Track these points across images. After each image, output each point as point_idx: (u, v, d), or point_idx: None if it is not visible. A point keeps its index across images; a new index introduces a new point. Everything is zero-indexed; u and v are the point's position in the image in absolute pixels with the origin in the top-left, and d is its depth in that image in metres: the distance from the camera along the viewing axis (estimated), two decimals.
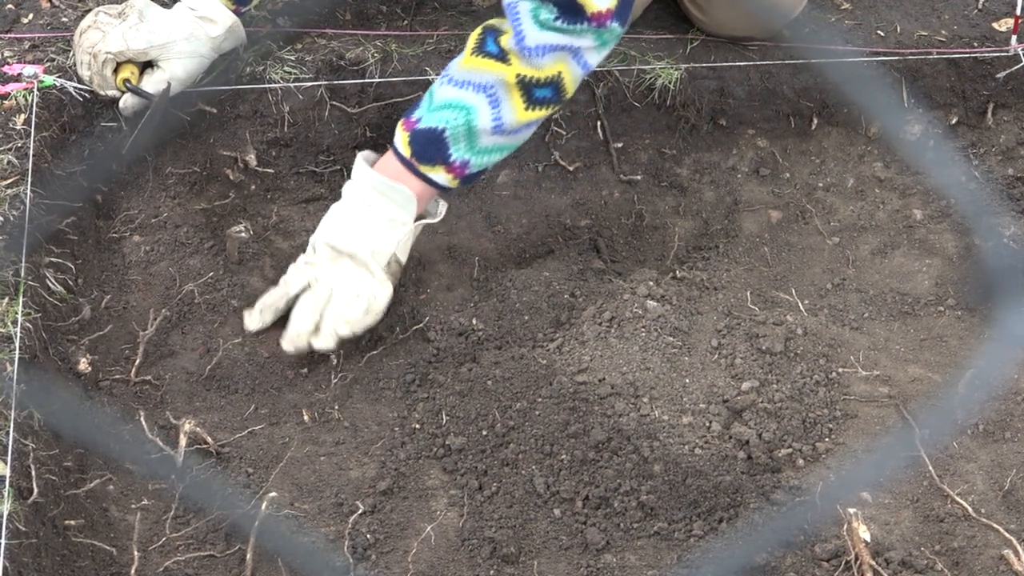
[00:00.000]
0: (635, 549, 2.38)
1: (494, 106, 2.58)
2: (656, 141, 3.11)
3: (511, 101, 2.58)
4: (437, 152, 2.61)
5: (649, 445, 2.46)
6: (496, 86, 2.57)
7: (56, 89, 2.78)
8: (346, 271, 2.63)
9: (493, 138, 2.62)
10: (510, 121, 2.60)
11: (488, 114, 2.59)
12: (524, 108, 2.60)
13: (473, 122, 2.59)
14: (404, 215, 2.65)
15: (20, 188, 2.59)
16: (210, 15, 2.80)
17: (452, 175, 2.64)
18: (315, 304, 2.61)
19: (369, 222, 2.64)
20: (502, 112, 2.59)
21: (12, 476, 2.17)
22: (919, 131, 3.14)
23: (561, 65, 2.57)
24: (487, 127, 2.59)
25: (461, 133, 2.60)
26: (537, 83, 2.58)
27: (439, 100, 2.60)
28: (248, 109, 2.91)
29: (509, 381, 2.57)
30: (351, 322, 2.60)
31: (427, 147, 2.61)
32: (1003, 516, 2.41)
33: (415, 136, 2.61)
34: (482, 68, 2.58)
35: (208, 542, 2.34)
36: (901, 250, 3.03)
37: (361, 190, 2.66)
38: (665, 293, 2.73)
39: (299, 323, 2.61)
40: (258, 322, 2.66)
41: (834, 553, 2.31)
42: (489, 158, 2.66)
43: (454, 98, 2.59)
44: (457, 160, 2.62)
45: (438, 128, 2.60)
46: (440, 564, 2.35)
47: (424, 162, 2.62)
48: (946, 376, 2.70)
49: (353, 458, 2.52)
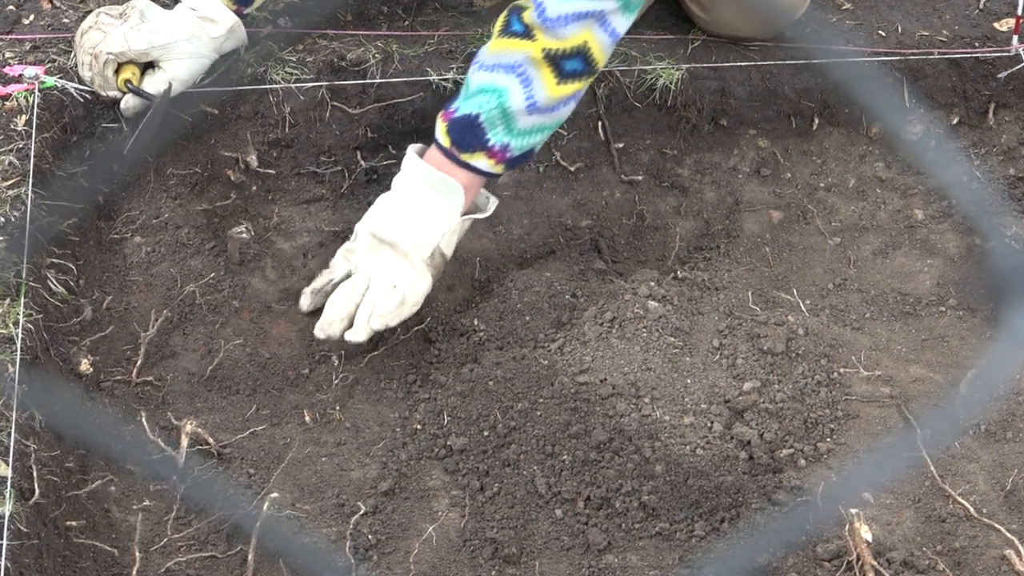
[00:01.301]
0: (637, 549, 2.38)
1: (526, 85, 2.56)
2: (657, 141, 3.11)
3: (542, 77, 2.56)
4: (475, 138, 2.60)
5: (651, 445, 2.45)
6: (524, 64, 2.55)
7: (57, 90, 2.78)
8: (386, 261, 2.62)
9: (531, 118, 2.60)
10: (543, 98, 2.58)
11: (521, 94, 2.57)
12: (556, 83, 2.57)
13: (506, 104, 2.57)
14: (450, 207, 2.64)
15: (21, 189, 2.59)
16: (211, 15, 2.80)
17: (494, 160, 2.62)
18: (350, 294, 2.61)
19: (414, 212, 2.63)
20: (534, 90, 2.57)
21: (13, 477, 2.17)
22: (920, 131, 3.14)
23: (587, 33, 2.54)
24: (521, 107, 2.57)
25: (496, 116, 2.58)
26: (564, 54, 2.55)
27: (473, 87, 2.60)
28: (249, 110, 2.91)
29: (510, 381, 2.57)
30: (384, 316, 2.59)
31: (464, 134, 2.60)
32: (1005, 516, 2.40)
33: (452, 125, 2.60)
34: (509, 48, 2.56)
35: (210, 543, 2.34)
36: (902, 250, 3.03)
37: (408, 181, 2.65)
38: (666, 293, 2.73)
39: (332, 312, 2.61)
40: (310, 303, 2.67)
41: (836, 553, 2.31)
42: (531, 139, 2.64)
43: (486, 82, 2.58)
44: (496, 144, 2.61)
45: (472, 114, 2.58)
46: (442, 565, 2.35)
47: (464, 150, 2.61)
48: (948, 376, 2.70)
49: (355, 459, 2.52)
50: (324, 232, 2.89)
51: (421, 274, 2.62)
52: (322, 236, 2.89)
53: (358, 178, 2.96)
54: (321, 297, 2.66)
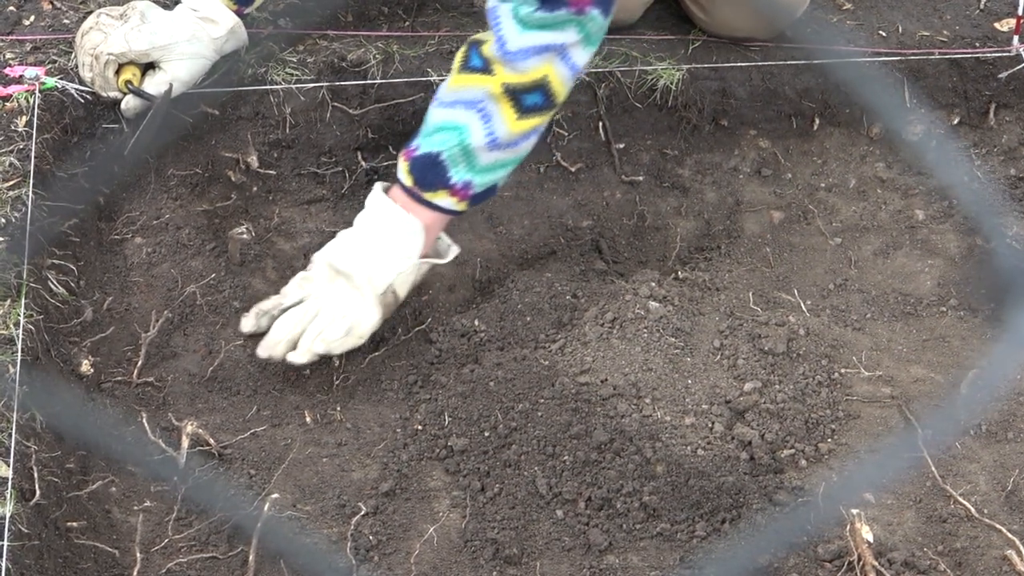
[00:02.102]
0: (638, 550, 2.38)
1: (486, 121, 2.53)
2: (658, 142, 3.11)
3: (501, 113, 2.52)
4: (437, 177, 2.57)
5: (651, 446, 2.45)
6: (484, 100, 2.52)
7: (58, 91, 2.78)
8: (339, 292, 2.61)
9: (492, 154, 2.56)
10: (503, 134, 2.55)
11: (481, 130, 2.53)
12: (516, 118, 2.54)
13: (467, 141, 2.54)
14: (409, 248, 2.61)
15: (22, 190, 2.59)
16: (212, 16, 2.80)
17: (456, 198, 2.60)
18: (299, 318, 2.61)
19: (373, 248, 2.61)
20: (495, 126, 2.53)
21: (14, 478, 2.17)
22: (921, 131, 3.14)
23: (547, 67, 2.50)
24: (482, 144, 2.54)
25: (458, 154, 2.55)
26: (524, 88, 2.51)
27: (432, 124, 2.57)
28: (250, 110, 2.91)
29: (511, 382, 2.57)
30: (329, 341, 2.58)
31: (426, 173, 2.57)
32: (1006, 517, 2.40)
33: (414, 164, 2.58)
34: (468, 84, 2.53)
35: (210, 544, 2.34)
36: (903, 251, 3.03)
37: (370, 216, 2.64)
38: (667, 294, 2.73)
39: (278, 333, 2.61)
40: (252, 325, 2.65)
41: (837, 554, 2.31)
42: (493, 175, 2.61)
43: (446, 120, 2.55)
44: (459, 182, 2.58)
45: (433, 152, 2.56)
46: (442, 565, 2.35)
47: (426, 188, 2.58)
48: (949, 376, 2.70)
49: (355, 459, 2.52)
50: (325, 233, 2.89)
51: (371, 309, 2.61)
52: (323, 237, 2.88)
53: (359, 179, 2.96)
54: (266, 320, 2.65)
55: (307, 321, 2.61)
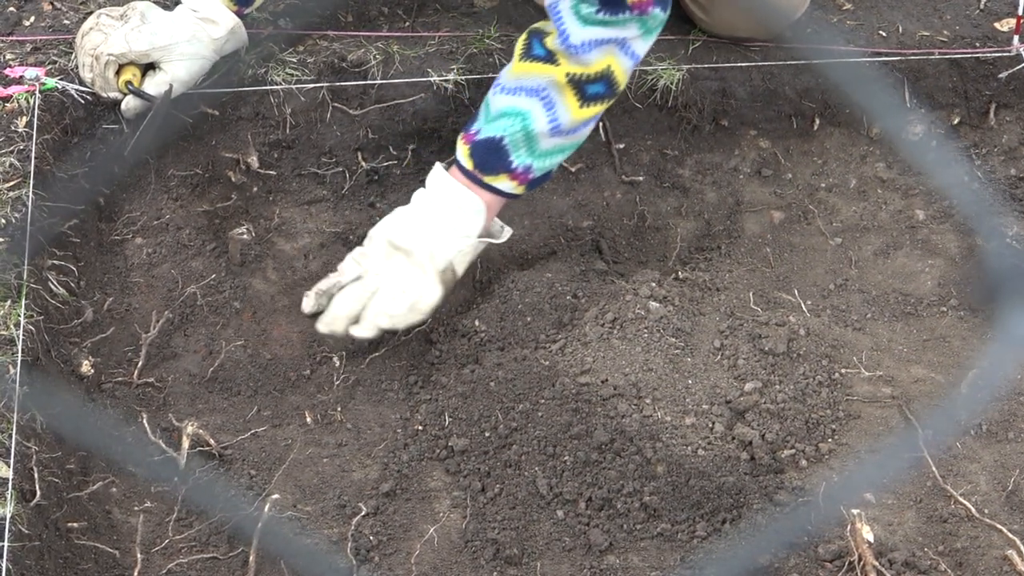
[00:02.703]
0: (638, 550, 2.38)
1: (548, 108, 2.60)
2: (658, 142, 3.11)
3: (565, 101, 2.60)
4: (499, 161, 2.63)
5: (652, 446, 2.45)
6: (548, 88, 2.59)
7: (58, 91, 2.78)
8: (398, 267, 2.64)
9: (552, 140, 2.63)
10: (566, 121, 2.62)
11: (544, 117, 2.60)
12: (579, 106, 2.61)
13: (530, 127, 2.60)
14: (469, 226, 2.66)
15: (22, 191, 2.59)
16: (212, 16, 2.80)
17: (516, 181, 2.66)
18: (359, 294, 2.64)
19: (433, 224, 2.65)
20: (557, 113, 2.60)
21: (15, 479, 2.17)
22: (921, 131, 3.14)
23: (610, 58, 2.58)
24: (544, 130, 2.61)
25: (520, 139, 2.61)
26: (588, 79, 2.59)
27: (495, 110, 2.62)
28: (250, 111, 2.91)
29: (512, 382, 2.57)
30: (394, 316, 2.62)
31: (488, 157, 2.63)
32: (1006, 516, 2.40)
33: (475, 148, 2.63)
34: (532, 72, 2.60)
35: (211, 544, 2.34)
36: (903, 251, 3.03)
37: (432, 194, 2.67)
38: (667, 294, 2.73)
39: (339, 308, 2.64)
40: (313, 305, 2.69)
41: (837, 554, 2.31)
42: (552, 160, 2.67)
43: (509, 106, 2.61)
44: (519, 166, 2.63)
45: (496, 137, 2.61)
46: (443, 566, 2.35)
47: (487, 172, 2.64)
48: (949, 376, 2.70)
49: (356, 460, 2.52)
50: (325, 233, 2.89)
51: (433, 285, 2.64)
52: (323, 237, 2.89)
53: (359, 179, 2.96)
54: (325, 299, 2.68)
55: (367, 297, 2.63)
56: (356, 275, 2.66)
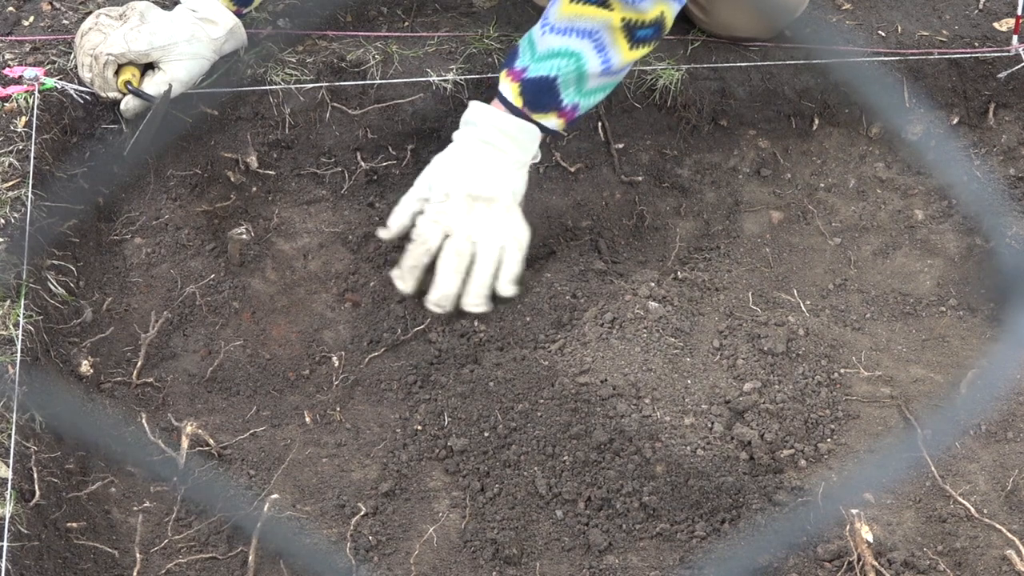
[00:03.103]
0: (637, 550, 2.38)
1: (599, 50, 2.64)
2: (657, 142, 3.11)
3: (617, 44, 2.65)
4: (550, 99, 2.67)
5: (651, 446, 2.45)
6: (601, 31, 2.63)
7: (57, 91, 2.78)
8: (485, 218, 2.66)
9: (600, 79, 2.69)
10: (617, 62, 2.67)
11: (596, 58, 2.65)
12: (629, 48, 2.67)
13: (584, 67, 2.65)
14: (527, 156, 2.71)
15: (21, 191, 2.59)
16: (211, 16, 2.80)
17: (564, 119, 2.71)
18: (459, 263, 2.65)
19: (503, 164, 2.68)
20: (609, 55, 2.65)
21: (14, 479, 2.17)
22: (920, 131, 3.14)
23: (663, 4, 2.64)
24: (596, 71, 2.66)
25: (572, 79, 2.66)
26: (642, 24, 2.64)
27: (544, 48, 2.65)
28: (249, 111, 2.91)
29: (511, 382, 2.57)
30: (514, 275, 2.66)
31: (539, 95, 2.67)
32: (1006, 516, 2.40)
33: (526, 85, 2.66)
34: (585, 14, 2.63)
35: (210, 544, 2.34)
36: (903, 250, 3.03)
37: (487, 133, 2.69)
38: (667, 294, 2.73)
39: (447, 284, 2.65)
40: (411, 284, 2.69)
41: (837, 554, 2.31)
42: (596, 98, 2.74)
43: (561, 46, 2.64)
44: (568, 104, 2.69)
45: (550, 76, 2.65)
46: (442, 566, 2.35)
47: (537, 110, 2.68)
48: (948, 376, 2.70)
49: (355, 460, 2.52)
50: (324, 233, 2.89)
51: (523, 223, 2.69)
52: (322, 237, 2.89)
53: (358, 179, 2.96)
54: (419, 272, 2.68)
55: (467, 261, 2.65)
56: (441, 237, 2.66)
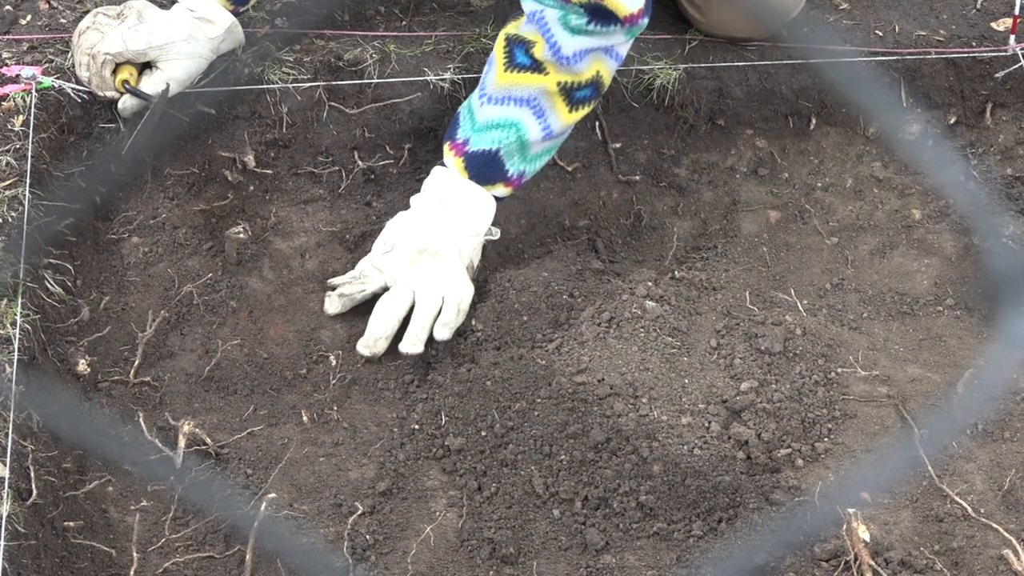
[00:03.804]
0: (634, 549, 2.38)
1: (539, 116, 2.68)
2: (655, 141, 3.11)
3: (555, 108, 2.68)
4: (495, 171, 2.71)
5: (648, 445, 2.45)
6: (539, 97, 2.66)
7: (54, 90, 2.78)
8: (428, 272, 2.66)
9: (543, 144, 2.73)
10: (557, 127, 2.71)
11: (536, 125, 2.68)
12: (568, 111, 2.70)
13: (524, 136, 2.68)
14: (484, 223, 2.73)
15: (19, 190, 2.59)
16: (208, 16, 2.79)
17: (511, 187, 2.75)
18: (395, 309, 2.64)
19: (453, 224, 2.69)
20: (549, 120, 2.69)
21: (11, 478, 2.17)
22: (918, 131, 3.14)
23: (598, 64, 2.67)
24: (537, 137, 2.69)
25: (514, 148, 2.69)
26: (578, 86, 2.67)
27: (483, 120, 2.68)
28: (247, 110, 2.91)
29: (508, 382, 2.57)
30: (450, 324, 2.64)
31: (485, 169, 2.70)
32: (1002, 516, 2.41)
33: (470, 160, 2.69)
34: (520, 83, 2.66)
35: (207, 543, 2.34)
36: (900, 250, 3.03)
37: (440, 194, 2.71)
38: (664, 293, 2.73)
39: (377, 329, 2.64)
40: (338, 308, 2.69)
41: (833, 553, 2.31)
42: (541, 162, 2.78)
43: (499, 116, 2.67)
44: (514, 174, 2.72)
45: (492, 149, 2.68)
46: (439, 565, 2.35)
47: (484, 182, 2.71)
48: (945, 376, 2.70)
49: (352, 459, 2.52)
50: (321, 232, 2.89)
51: (468, 282, 2.68)
52: (319, 236, 2.89)
53: (355, 178, 2.96)
54: (350, 303, 2.69)
55: (404, 310, 2.65)
56: (382, 284, 2.67)
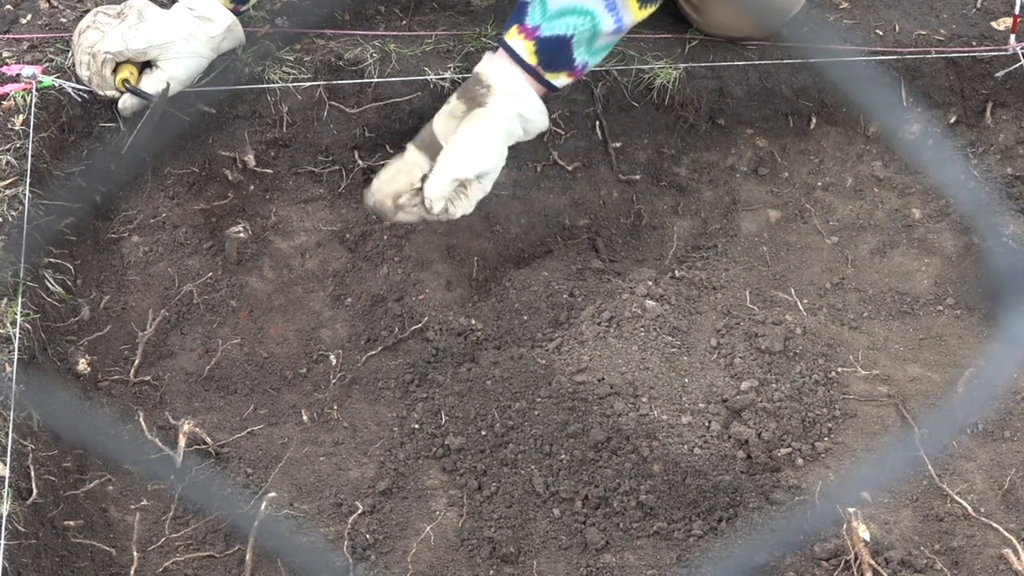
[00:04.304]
0: (634, 549, 2.38)
1: (611, 9, 2.66)
2: (655, 141, 3.11)
3: (628, 3, 2.66)
4: (564, 58, 2.67)
5: (648, 445, 2.46)
6: None
7: (55, 89, 2.78)
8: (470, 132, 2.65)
9: (608, 38, 2.71)
10: (627, 21, 2.69)
11: (609, 17, 2.66)
12: (639, 8, 2.69)
13: (598, 26, 2.65)
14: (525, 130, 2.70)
15: (19, 189, 2.59)
16: (209, 15, 2.79)
17: (572, 77, 2.72)
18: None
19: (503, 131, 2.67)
20: (621, 14, 2.67)
21: (11, 477, 2.17)
22: (918, 130, 3.14)
23: None
24: (609, 29, 2.67)
25: (585, 37, 2.66)
26: None
27: (555, 7, 2.65)
28: (247, 109, 2.91)
29: (508, 381, 2.57)
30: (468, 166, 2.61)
31: (555, 55, 2.67)
32: (1002, 515, 2.41)
33: (542, 44, 2.66)
34: None
35: (207, 542, 2.34)
36: (900, 249, 3.03)
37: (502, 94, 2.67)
38: (664, 293, 2.73)
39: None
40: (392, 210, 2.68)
41: (833, 552, 2.31)
42: (599, 56, 2.76)
43: (574, 4, 2.64)
44: (580, 63, 2.70)
45: (565, 35, 2.65)
46: (439, 564, 2.35)
47: (551, 69, 2.68)
48: (945, 375, 2.70)
49: (352, 458, 2.52)
50: (322, 231, 2.89)
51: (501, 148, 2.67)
52: (320, 235, 2.89)
53: (356, 177, 2.96)
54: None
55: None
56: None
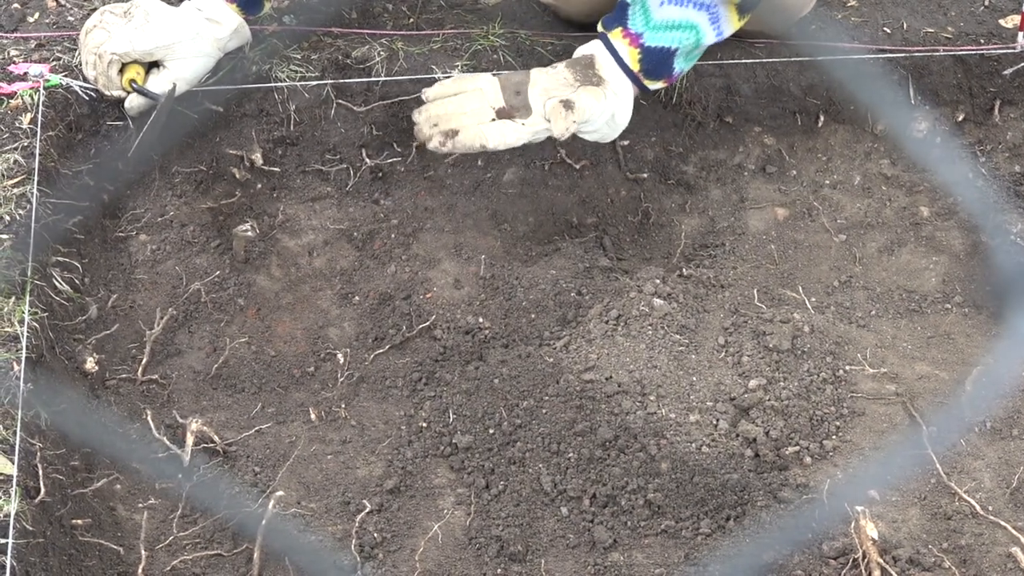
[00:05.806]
0: (642, 547, 2.38)
1: (714, 23, 2.71)
2: (662, 139, 3.11)
3: (728, 14, 2.72)
4: (665, 69, 2.74)
5: (656, 443, 2.45)
6: (718, 4, 2.69)
7: (62, 88, 2.78)
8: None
9: (701, 49, 2.77)
10: (727, 32, 2.77)
11: (711, 30, 2.72)
12: (738, 19, 2.75)
13: (701, 39, 2.72)
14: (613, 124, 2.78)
15: (27, 187, 2.59)
16: (216, 17, 2.79)
17: (667, 84, 2.82)
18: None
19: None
20: (722, 27, 2.73)
21: (19, 475, 2.17)
22: (926, 128, 3.14)
23: None
24: (710, 42, 2.74)
25: (687, 50, 2.72)
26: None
27: (662, 19, 2.69)
28: (254, 108, 2.91)
29: (516, 379, 2.57)
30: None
31: (658, 66, 2.73)
32: (1011, 514, 2.40)
33: (647, 54, 2.71)
34: None
35: (215, 541, 2.35)
36: (908, 247, 3.03)
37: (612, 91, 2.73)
38: (672, 291, 2.73)
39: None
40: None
41: (842, 551, 2.31)
42: (693, 63, 2.83)
43: (680, 18, 2.69)
44: (677, 72, 2.77)
45: (670, 48, 2.71)
46: (447, 563, 2.35)
47: (651, 77, 2.75)
48: (954, 373, 2.70)
49: (360, 457, 2.52)
50: (329, 230, 2.89)
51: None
52: (327, 234, 2.89)
53: (363, 176, 2.96)
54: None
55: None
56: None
